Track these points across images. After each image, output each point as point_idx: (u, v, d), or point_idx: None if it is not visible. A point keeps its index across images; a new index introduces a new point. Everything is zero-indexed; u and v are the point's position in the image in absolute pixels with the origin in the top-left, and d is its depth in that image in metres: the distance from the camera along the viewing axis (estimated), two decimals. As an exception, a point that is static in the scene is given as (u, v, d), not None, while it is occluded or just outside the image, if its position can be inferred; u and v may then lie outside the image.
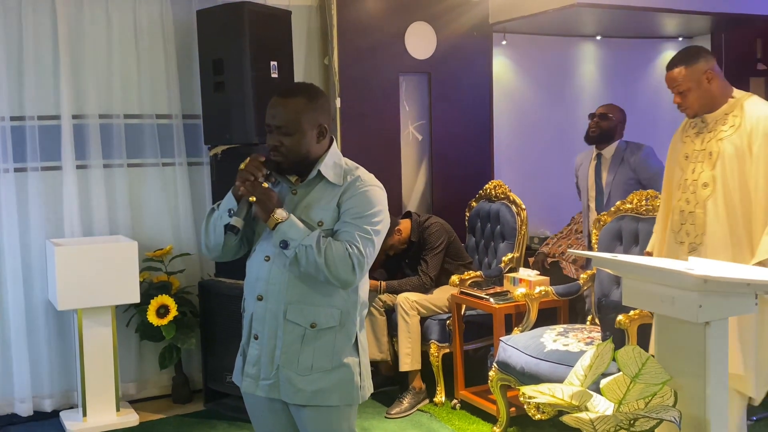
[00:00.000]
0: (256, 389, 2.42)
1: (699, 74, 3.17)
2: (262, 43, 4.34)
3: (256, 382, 2.42)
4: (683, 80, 3.19)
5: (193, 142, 4.80)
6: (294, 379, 2.37)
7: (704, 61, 3.18)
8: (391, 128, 5.26)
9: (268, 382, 2.40)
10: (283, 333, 2.37)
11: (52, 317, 4.45)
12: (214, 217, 2.43)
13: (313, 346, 2.37)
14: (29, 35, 4.33)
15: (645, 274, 2.57)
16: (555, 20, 5.36)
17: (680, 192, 3.26)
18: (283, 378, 2.38)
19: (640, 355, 2.52)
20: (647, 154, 4.61)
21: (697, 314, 2.36)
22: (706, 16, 5.54)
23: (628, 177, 4.59)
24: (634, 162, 4.58)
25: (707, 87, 3.17)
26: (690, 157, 3.25)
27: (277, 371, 2.38)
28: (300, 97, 2.38)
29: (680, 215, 3.24)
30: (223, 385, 4.45)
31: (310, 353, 2.36)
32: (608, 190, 4.65)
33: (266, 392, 2.41)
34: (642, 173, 4.56)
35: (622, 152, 4.64)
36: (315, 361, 2.37)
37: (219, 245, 2.45)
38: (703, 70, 3.16)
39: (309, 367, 2.37)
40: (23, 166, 4.39)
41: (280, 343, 2.38)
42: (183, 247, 4.75)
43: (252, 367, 2.42)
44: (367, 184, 2.41)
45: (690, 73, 3.18)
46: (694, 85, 3.17)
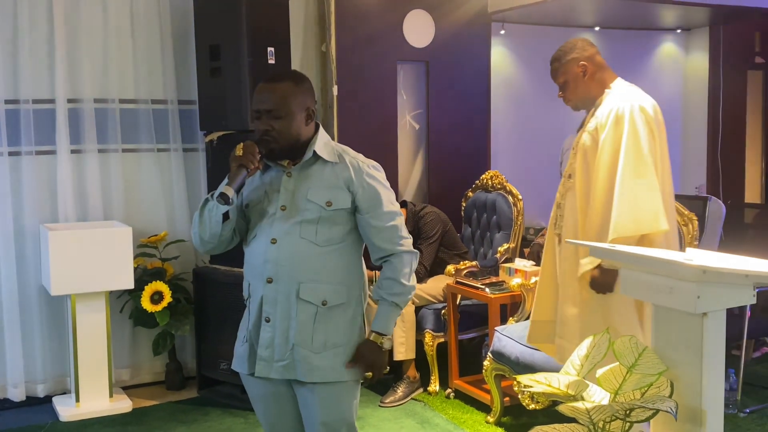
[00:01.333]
0: (270, 371, 2.42)
1: (573, 67, 3.18)
2: (259, 29, 4.31)
3: (270, 365, 2.42)
4: (557, 74, 3.22)
5: (188, 128, 4.78)
6: (309, 357, 2.39)
7: (578, 53, 3.17)
8: (388, 117, 5.24)
9: (282, 363, 2.41)
10: (296, 313, 2.39)
11: (45, 302, 4.43)
12: (209, 206, 2.43)
13: (325, 323, 2.41)
14: (24, 18, 4.30)
15: (643, 264, 2.55)
16: (554, 10, 5.34)
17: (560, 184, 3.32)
18: (298, 357, 2.39)
19: (637, 345, 2.51)
20: None
21: (695, 305, 2.35)
22: (704, 8, 5.54)
23: None
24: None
25: (583, 80, 3.18)
26: (571, 151, 3.28)
27: (291, 351, 2.40)
28: (287, 82, 2.42)
29: (555, 207, 3.29)
30: (217, 372, 4.44)
31: (323, 330, 2.41)
32: None
33: (280, 374, 2.42)
34: None
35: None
36: (328, 338, 2.41)
37: (215, 235, 2.45)
38: (577, 62, 3.17)
39: (323, 344, 2.41)
40: (17, 150, 4.36)
41: (294, 323, 2.39)
42: (178, 234, 4.73)
43: (265, 350, 2.42)
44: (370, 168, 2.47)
45: (563, 67, 3.19)
46: (570, 78, 3.19)
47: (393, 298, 2.47)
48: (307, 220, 2.39)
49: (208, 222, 2.44)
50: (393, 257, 2.48)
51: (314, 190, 2.41)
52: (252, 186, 2.49)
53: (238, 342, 2.53)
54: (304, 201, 2.40)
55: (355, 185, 2.42)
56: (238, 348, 2.53)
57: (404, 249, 2.48)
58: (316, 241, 2.40)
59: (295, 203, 2.41)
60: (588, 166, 3.13)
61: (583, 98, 3.22)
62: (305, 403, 2.46)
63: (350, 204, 2.43)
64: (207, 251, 2.54)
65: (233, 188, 2.32)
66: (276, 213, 2.42)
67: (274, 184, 2.45)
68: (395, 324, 2.53)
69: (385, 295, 2.47)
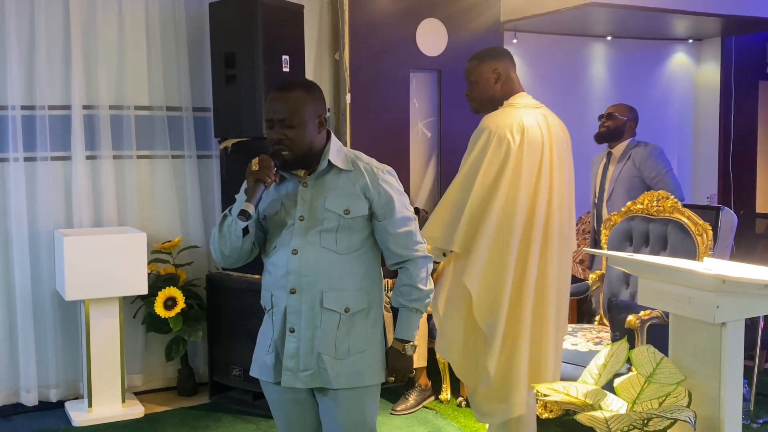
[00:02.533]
0: (296, 381, 2.43)
1: (487, 71, 3.21)
2: (274, 37, 4.33)
3: (295, 375, 2.43)
4: (469, 72, 3.26)
5: (203, 135, 4.80)
6: (334, 365, 2.41)
7: (496, 61, 3.21)
8: (400, 125, 5.25)
9: (308, 373, 2.42)
10: (320, 322, 2.41)
11: (59, 307, 4.45)
12: (228, 221, 2.44)
13: (348, 329, 2.43)
14: (41, 25, 4.32)
15: (661, 273, 2.56)
16: (566, 20, 5.36)
17: None
18: (324, 365, 2.41)
19: (655, 355, 2.52)
20: (653, 153, 4.63)
21: (714, 315, 2.36)
22: (716, 18, 5.55)
23: (632, 174, 4.62)
24: (640, 160, 4.60)
25: (492, 86, 3.21)
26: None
27: (317, 360, 2.41)
28: (299, 90, 2.42)
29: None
30: (229, 378, 4.45)
31: (346, 337, 2.43)
32: (612, 186, 4.68)
33: (306, 383, 2.43)
34: (646, 171, 4.59)
35: (630, 150, 4.67)
36: (351, 344, 2.43)
37: (236, 249, 2.45)
38: (492, 68, 3.20)
39: (347, 350, 2.43)
40: (33, 155, 4.38)
41: (318, 332, 2.41)
42: (191, 240, 4.74)
43: (290, 360, 2.43)
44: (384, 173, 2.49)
45: (477, 67, 3.22)
46: (480, 79, 3.22)
47: (412, 304, 2.49)
48: (326, 229, 2.41)
49: (228, 237, 2.44)
50: (408, 263, 2.50)
51: (331, 199, 2.42)
52: (267, 198, 2.49)
53: (262, 350, 2.53)
54: (322, 210, 2.41)
55: (371, 192, 2.44)
56: (262, 356, 2.52)
57: (419, 254, 2.51)
58: (336, 249, 2.41)
59: (314, 213, 2.42)
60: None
61: (486, 103, 3.26)
62: (327, 409, 2.47)
63: (367, 211, 2.45)
64: (228, 265, 2.54)
65: (253, 204, 2.33)
66: (295, 224, 2.43)
67: (290, 195, 2.46)
68: (418, 328, 2.54)
69: (404, 302, 2.50)
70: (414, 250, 2.50)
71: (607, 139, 4.72)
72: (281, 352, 2.45)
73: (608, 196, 4.68)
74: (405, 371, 2.51)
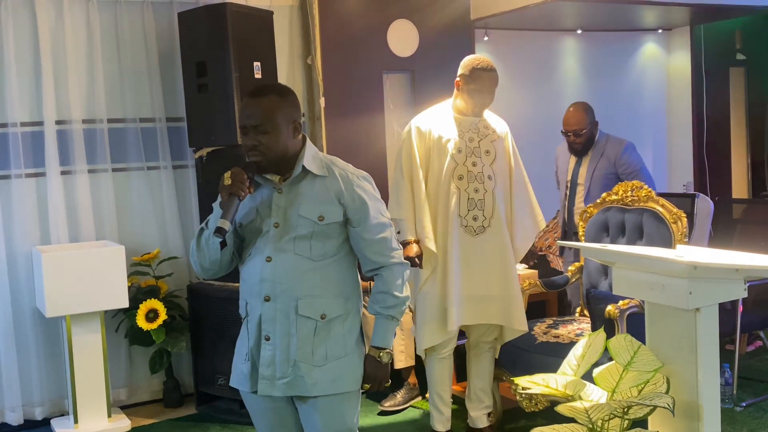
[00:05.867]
0: (273, 389, 2.42)
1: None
2: (244, 43, 4.33)
3: (272, 383, 2.42)
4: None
5: (177, 145, 4.78)
6: (312, 372, 2.40)
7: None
8: (376, 126, 5.26)
9: (284, 380, 2.41)
10: (296, 329, 2.40)
11: (40, 325, 4.42)
12: (205, 235, 2.43)
13: (325, 336, 2.42)
14: (9, 41, 4.30)
15: (634, 262, 2.59)
16: (536, 15, 5.39)
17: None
18: (300, 373, 2.39)
19: (632, 343, 2.55)
20: (628, 149, 4.66)
21: (687, 301, 2.39)
22: (685, 8, 5.60)
23: (608, 171, 4.64)
24: (614, 156, 4.63)
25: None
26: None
27: (293, 368, 2.40)
28: (272, 95, 2.41)
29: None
30: (215, 387, 4.44)
31: (323, 344, 2.41)
32: (587, 184, 4.71)
33: (283, 391, 2.42)
34: (621, 168, 4.63)
35: (603, 147, 4.69)
36: (329, 351, 2.42)
37: (216, 262, 2.45)
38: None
39: (324, 357, 2.41)
40: (7, 173, 4.35)
41: (294, 339, 2.40)
42: (170, 251, 4.73)
43: (267, 369, 2.42)
44: (359, 179, 2.48)
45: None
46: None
47: (388, 311, 2.48)
48: (300, 236, 2.40)
49: (206, 251, 2.44)
50: (383, 270, 2.48)
51: (305, 205, 2.41)
52: (243, 207, 2.47)
53: (239, 359, 2.52)
54: (296, 217, 2.40)
55: (345, 197, 2.43)
56: (239, 365, 2.51)
57: (395, 261, 2.49)
58: (311, 256, 2.40)
59: (288, 220, 2.41)
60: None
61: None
62: (307, 416, 2.46)
63: (342, 217, 2.43)
64: (209, 277, 2.53)
65: (228, 219, 2.32)
66: (270, 231, 2.42)
67: (265, 202, 2.45)
68: (394, 335, 2.54)
69: (380, 309, 2.48)
70: (389, 257, 2.48)
71: (586, 150, 4.74)
72: (257, 360, 2.44)
73: (585, 194, 4.71)
74: (381, 379, 2.49)
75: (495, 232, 3.72)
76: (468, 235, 3.69)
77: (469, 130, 3.76)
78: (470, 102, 3.75)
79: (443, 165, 3.70)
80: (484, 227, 3.71)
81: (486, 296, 3.73)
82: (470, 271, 3.70)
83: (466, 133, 3.75)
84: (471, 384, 3.94)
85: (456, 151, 3.70)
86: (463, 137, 3.73)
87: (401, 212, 3.69)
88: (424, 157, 3.72)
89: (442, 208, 3.70)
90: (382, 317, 2.49)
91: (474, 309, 3.72)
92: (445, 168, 3.69)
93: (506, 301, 3.74)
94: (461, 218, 3.68)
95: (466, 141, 3.73)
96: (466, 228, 3.69)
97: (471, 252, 3.70)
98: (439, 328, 3.73)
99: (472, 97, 3.74)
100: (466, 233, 3.69)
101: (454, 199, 3.67)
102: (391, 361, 2.52)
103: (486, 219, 3.71)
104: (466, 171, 3.69)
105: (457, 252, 3.67)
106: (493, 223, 3.72)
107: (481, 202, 3.70)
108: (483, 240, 3.71)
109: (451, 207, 3.67)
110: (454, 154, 3.69)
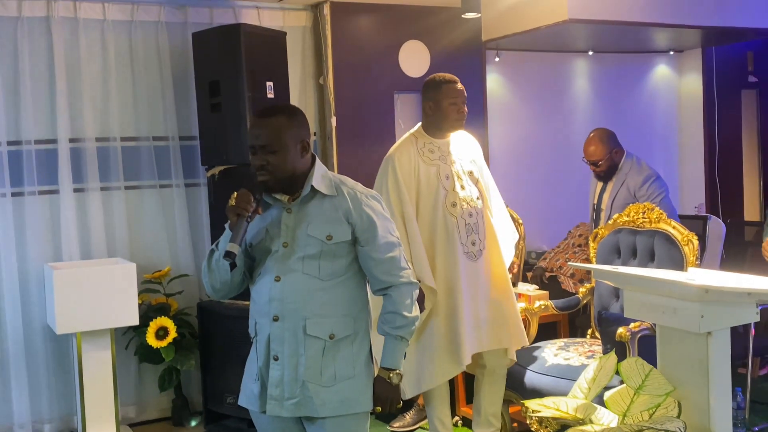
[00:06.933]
0: (281, 410, 2.41)
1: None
2: (257, 64, 4.36)
3: (280, 403, 2.41)
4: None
5: (190, 164, 4.81)
6: (320, 392, 2.39)
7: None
8: (386, 147, 5.25)
9: (293, 401, 2.40)
10: (304, 349, 2.39)
11: (50, 341, 4.43)
12: (215, 256, 2.45)
13: (333, 356, 2.41)
14: (25, 60, 4.35)
15: (646, 285, 2.58)
16: (547, 36, 5.40)
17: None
18: (309, 393, 2.39)
19: (643, 366, 2.53)
20: (647, 179, 4.59)
21: (699, 324, 2.37)
22: (696, 30, 5.59)
23: (626, 201, 4.62)
24: (634, 188, 4.60)
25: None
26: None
27: (302, 388, 2.39)
28: (280, 116, 2.43)
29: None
30: (223, 406, 4.43)
31: (332, 364, 2.40)
32: (608, 211, 4.68)
33: (291, 411, 2.41)
34: (642, 200, 4.60)
35: (626, 175, 4.62)
36: (337, 371, 2.41)
37: (226, 283, 2.46)
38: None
39: (333, 377, 2.40)
40: (20, 190, 4.39)
41: (302, 359, 2.39)
42: (181, 269, 4.74)
43: (275, 389, 2.41)
44: (368, 198, 2.48)
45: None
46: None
47: (397, 332, 2.46)
48: (309, 256, 2.40)
49: (217, 272, 2.45)
50: (392, 289, 2.47)
51: (314, 225, 2.42)
52: (254, 227, 2.48)
53: (249, 379, 2.51)
54: (304, 236, 2.41)
55: (353, 216, 2.43)
56: (248, 385, 2.51)
57: (404, 280, 2.48)
58: (319, 275, 2.41)
59: (296, 239, 2.42)
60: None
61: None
62: None
63: (350, 236, 2.44)
64: (220, 297, 2.54)
65: (237, 242, 2.34)
66: (279, 250, 2.43)
67: (275, 222, 2.46)
68: (404, 356, 2.53)
69: (389, 330, 2.47)
70: (398, 276, 2.47)
71: (609, 176, 4.69)
72: (266, 380, 2.44)
73: (606, 219, 4.68)
74: (392, 400, 2.47)
75: (491, 253, 3.72)
76: (470, 261, 3.66)
77: (449, 153, 3.70)
78: (448, 119, 3.66)
79: (434, 195, 3.62)
80: (481, 250, 3.70)
81: (495, 319, 3.69)
82: (476, 296, 3.66)
83: (447, 156, 3.69)
84: (482, 409, 3.87)
85: (444, 178, 3.63)
86: (445, 162, 3.67)
87: None
88: (412, 189, 3.62)
89: (441, 239, 3.61)
90: (391, 337, 2.48)
91: (486, 334, 3.66)
92: (437, 198, 3.62)
93: (511, 320, 3.73)
94: (463, 245, 3.64)
95: (450, 165, 3.67)
96: (468, 254, 3.66)
97: (475, 277, 3.66)
98: (450, 362, 3.62)
99: (448, 115, 3.65)
100: (468, 260, 3.65)
101: (452, 227, 3.62)
102: (400, 381, 2.51)
103: (481, 241, 3.70)
104: (458, 197, 3.65)
105: (464, 280, 3.61)
106: (488, 244, 3.72)
107: (476, 226, 3.68)
108: (482, 263, 3.70)
109: (452, 236, 3.61)
110: (443, 182, 3.62)
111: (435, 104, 3.68)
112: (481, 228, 3.69)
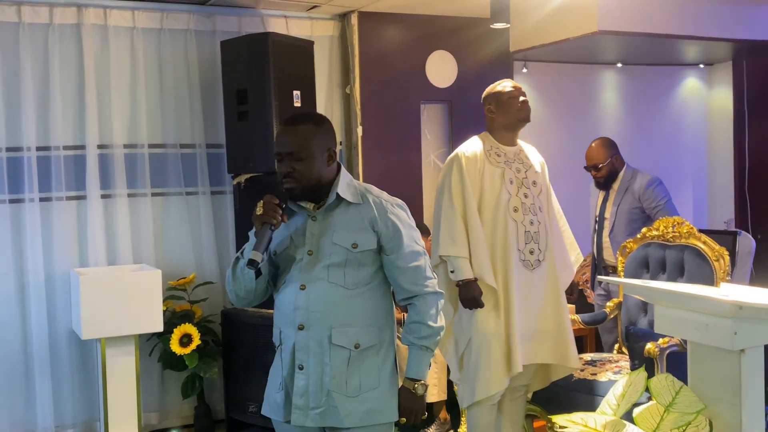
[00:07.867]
0: (306, 420, 2.39)
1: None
2: (285, 72, 4.37)
3: (305, 413, 2.39)
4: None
5: (216, 172, 4.83)
6: (345, 402, 2.37)
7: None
8: (412, 156, 5.26)
9: (318, 411, 2.38)
10: (330, 359, 2.38)
11: (75, 347, 4.46)
12: (241, 264, 2.43)
13: (358, 366, 2.39)
14: (55, 67, 4.39)
15: (678, 300, 2.53)
16: (576, 48, 5.37)
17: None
18: (334, 403, 2.37)
19: (674, 383, 2.48)
20: (651, 184, 4.59)
21: (732, 341, 2.32)
22: (727, 43, 5.53)
23: (632, 206, 4.60)
24: (639, 191, 4.59)
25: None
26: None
27: (327, 398, 2.38)
28: (307, 123, 2.43)
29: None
30: (246, 414, 4.42)
31: (357, 374, 2.38)
32: (612, 219, 4.66)
33: (316, 421, 2.39)
34: (645, 202, 4.58)
35: (628, 182, 4.64)
36: (362, 381, 2.39)
37: (250, 291, 2.45)
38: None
39: (358, 387, 2.38)
40: (48, 195, 4.42)
41: (327, 369, 2.38)
42: (206, 276, 4.75)
43: (300, 398, 2.40)
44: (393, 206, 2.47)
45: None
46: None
47: (422, 342, 2.44)
48: (334, 264, 2.39)
49: (241, 280, 2.44)
50: (417, 299, 2.45)
51: (339, 233, 2.40)
52: (278, 234, 2.47)
53: (273, 388, 2.50)
54: (330, 245, 2.40)
55: (379, 225, 2.42)
56: (272, 394, 2.49)
57: (429, 290, 2.46)
58: (344, 284, 2.39)
59: (322, 247, 2.40)
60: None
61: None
62: None
63: (376, 244, 2.42)
64: (244, 305, 2.53)
65: (261, 250, 2.33)
66: (304, 258, 2.42)
67: (300, 230, 2.45)
68: (429, 366, 2.50)
69: (414, 340, 2.45)
70: (423, 286, 2.45)
71: (608, 183, 4.71)
72: (291, 389, 2.42)
73: (611, 228, 4.67)
74: (417, 412, 2.44)
75: (549, 266, 3.58)
76: (526, 270, 3.53)
77: (514, 160, 3.62)
78: (511, 111, 3.60)
79: (497, 196, 3.52)
80: (540, 261, 3.55)
81: (538, 333, 3.55)
82: (528, 307, 3.53)
83: (512, 163, 3.61)
84: (503, 429, 3.74)
85: (508, 182, 3.55)
86: (510, 167, 3.60)
87: (457, 249, 3.44)
88: (476, 188, 3.53)
89: (500, 242, 3.51)
90: (416, 348, 2.45)
91: (527, 348, 3.53)
92: (500, 199, 3.52)
93: (559, 338, 3.58)
94: (520, 252, 3.52)
95: (514, 171, 3.60)
96: (524, 262, 3.52)
97: (529, 287, 3.53)
98: (505, 372, 3.49)
99: (510, 108, 3.60)
100: (524, 268, 3.53)
101: (512, 232, 3.51)
102: (425, 392, 2.48)
103: (541, 252, 3.56)
104: (520, 203, 3.54)
105: (517, 288, 3.49)
106: (547, 256, 3.58)
107: (537, 235, 3.55)
108: (538, 274, 3.55)
109: (509, 241, 3.50)
110: (506, 185, 3.55)
111: (495, 104, 3.64)
112: (542, 238, 3.56)
